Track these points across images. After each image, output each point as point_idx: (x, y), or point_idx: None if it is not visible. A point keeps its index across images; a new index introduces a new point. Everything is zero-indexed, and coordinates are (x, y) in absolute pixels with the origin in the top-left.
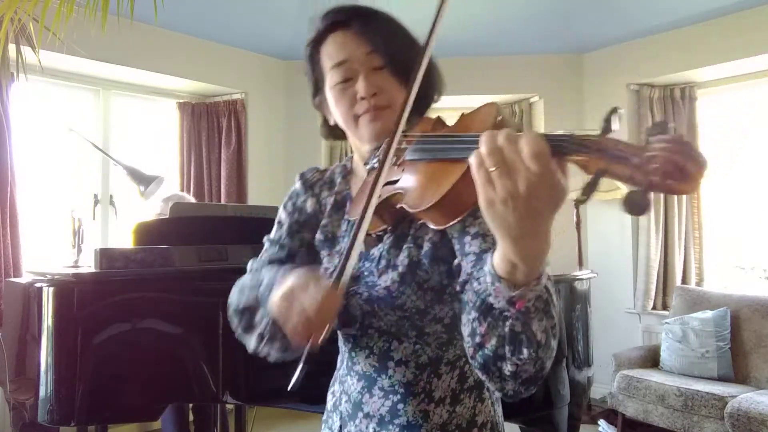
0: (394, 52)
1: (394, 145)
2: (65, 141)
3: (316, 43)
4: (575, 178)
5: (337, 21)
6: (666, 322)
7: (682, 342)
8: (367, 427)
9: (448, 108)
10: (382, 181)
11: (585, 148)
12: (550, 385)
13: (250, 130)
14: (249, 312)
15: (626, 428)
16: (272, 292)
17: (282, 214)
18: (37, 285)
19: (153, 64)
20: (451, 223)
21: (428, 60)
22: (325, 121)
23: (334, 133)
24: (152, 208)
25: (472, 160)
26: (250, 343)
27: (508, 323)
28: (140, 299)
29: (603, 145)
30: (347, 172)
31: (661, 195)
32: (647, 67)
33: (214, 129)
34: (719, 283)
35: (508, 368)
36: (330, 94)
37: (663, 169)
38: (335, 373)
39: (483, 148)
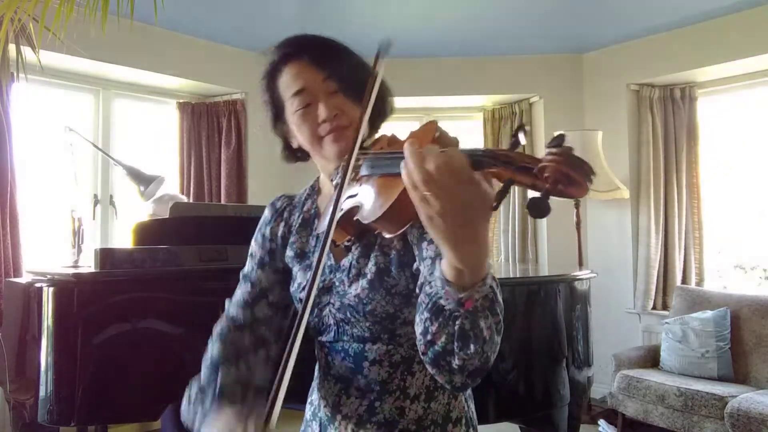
0: (346, 76)
1: (353, 162)
2: (65, 141)
3: (272, 76)
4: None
5: (289, 53)
6: (666, 322)
7: (682, 342)
8: (345, 429)
9: (450, 108)
10: (344, 195)
11: (496, 160)
12: (550, 385)
13: (250, 130)
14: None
15: (626, 428)
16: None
17: (253, 247)
18: (37, 285)
19: (153, 64)
20: (400, 231)
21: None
22: (287, 145)
23: (296, 155)
24: (144, 210)
25: (406, 182)
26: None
27: (458, 322)
28: (140, 299)
29: (511, 158)
30: (314, 192)
31: (561, 198)
32: (647, 67)
33: (214, 129)
34: (719, 283)
35: (456, 362)
36: (292, 120)
37: (553, 177)
38: (312, 383)
39: (414, 175)
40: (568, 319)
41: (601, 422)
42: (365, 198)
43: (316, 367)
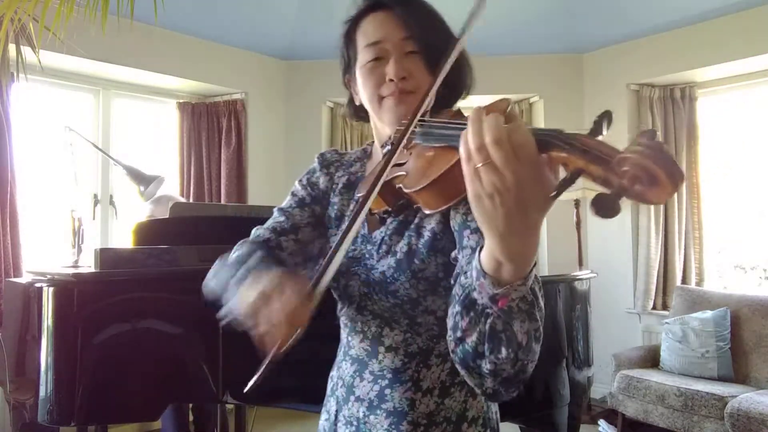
0: (429, 41)
1: (411, 129)
2: (65, 141)
3: (356, 21)
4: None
5: (379, 2)
6: (666, 322)
7: (682, 342)
8: (358, 411)
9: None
10: (393, 161)
11: (568, 144)
12: (550, 385)
13: (250, 130)
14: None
15: (626, 428)
16: (244, 287)
17: (297, 186)
18: (37, 285)
19: (153, 64)
20: (441, 208)
21: (459, 53)
22: (351, 100)
23: (358, 114)
24: (142, 211)
25: (461, 152)
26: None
27: (489, 320)
28: (140, 299)
29: (587, 145)
30: (366, 156)
31: (634, 202)
32: (647, 67)
33: (214, 129)
34: (719, 283)
35: (486, 366)
36: (359, 72)
37: (632, 172)
38: (335, 360)
39: (471, 142)
40: (568, 319)
41: (601, 422)
42: (413, 167)
43: (340, 344)
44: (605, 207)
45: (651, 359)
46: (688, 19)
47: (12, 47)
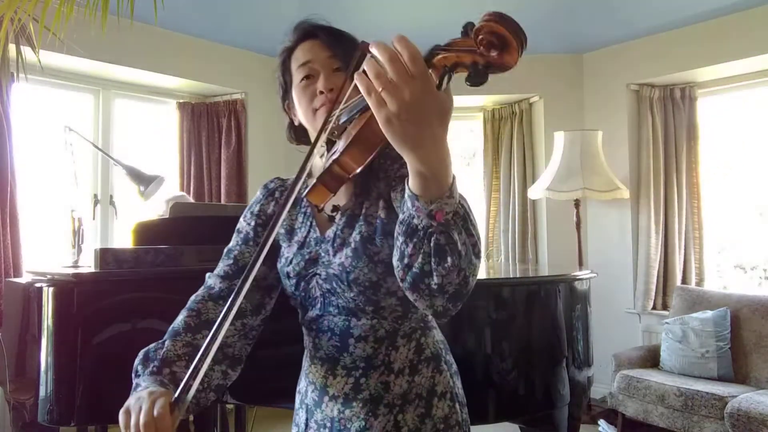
0: (351, 57)
1: (331, 119)
2: (65, 141)
3: (290, 51)
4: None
5: (307, 32)
6: (666, 322)
7: (682, 342)
8: (332, 411)
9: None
10: (317, 149)
11: (444, 49)
12: (550, 385)
13: (250, 130)
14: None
15: (626, 428)
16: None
17: (241, 223)
18: (37, 285)
19: (153, 64)
20: (368, 158)
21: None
22: (291, 123)
23: (299, 136)
24: (155, 210)
25: (362, 90)
26: None
27: (432, 239)
28: (140, 299)
29: (457, 45)
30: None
31: (497, 72)
32: (647, 67)
33: (214, 129)
34: (719, 283)
35: (435, 281)
36: (295, 92)
37: (486, 39)
38: (300, 374)
39: (369, 74)
40: (568, 319)
41: (601, 422)
42: (342, 141)
43: (304, 356)
44: (475, 77)
45: (651, 359)
46: (688, 19)
47: (12, 47)
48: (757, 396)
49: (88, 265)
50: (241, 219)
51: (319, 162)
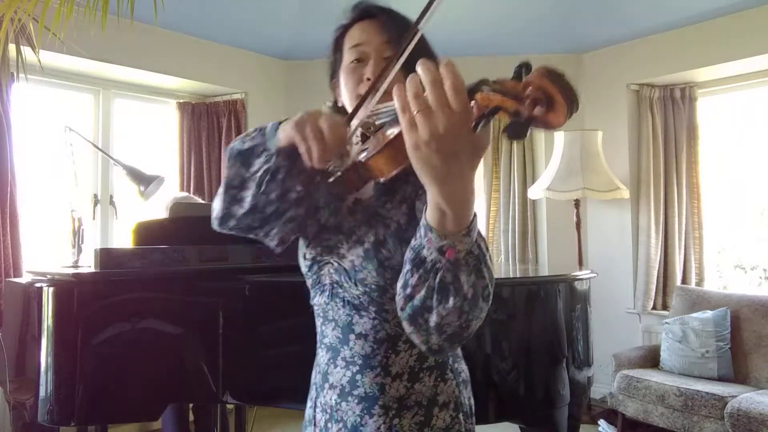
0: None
1: (366, 98)
2: (65, 141)
3: (344, 30)
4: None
5: (366, 11)
6: (666, 322)
7: (682, 342)
8: (330, 399)
9: None
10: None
11: (489, 86)
12: (550, 385)
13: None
14: (241, 176)
15: (626, 428)
16: (280, 127)
17: None
18: (37, 285)
19: (153, 64)
20: (393, 172)
21: (424, 48)
22: (335, 103)
23: (340, 114)
24: (161, 211)
25: (396, 105)
26: (242, 206)
27: (438, 274)
28: (140, 299)
29: (503, 85)
30: None
31: (540, 129)
32: (647, 67)
33: (214, 129)
34: (719, 283)
35: (433, 319)
36: (342, 72)
37: (533, 95)
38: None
39: (408, 92)
40: (568, 319)
41: (601, 422)
42: (371, 144)
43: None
44: (514, 131)
45: (651, 359)
46: (688, 19)
47: (12, 47)
48: (757, 396)
49: (88, 265)
50: None
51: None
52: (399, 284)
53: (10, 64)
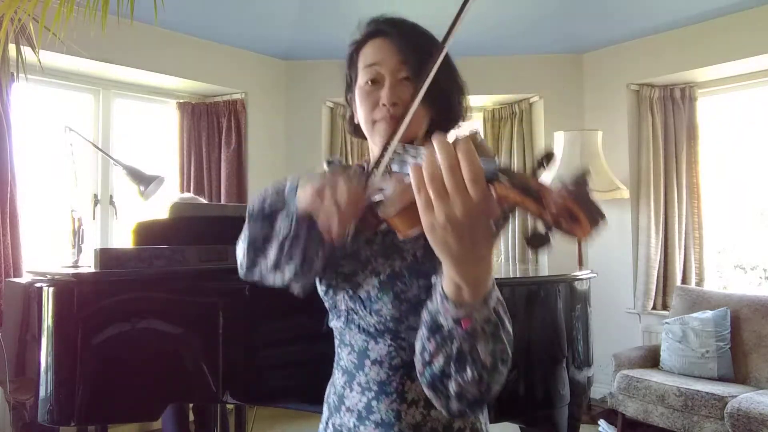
0: (422, 66)
1: (389, 153)
2: (65, 141)
3: (359, 45)
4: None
5: (380, 29)
6: (666, 322)
7: (682, 342)
8: (349, 421)
9: None
10: (369, 183)
11: (510, 181)
12: (550, 385)
13: (250, 130)
14: (263, 235)
15: (626, 428)
16: (299, 190)
17: None
18: (37, 285)
19: (153, 64)
20: (410, 233)
21: (447, 75)
22: (351, 118)
23: (357, 131)
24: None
25: (413, 183)
26: (266, 261)
27: (455, 343)
28: (140, 299)
29: (525, 183)
30: None
31: (563, 235)
32: (647, 67)
33: (214, 129)
34: (719, 283)
35: (453, 387)
36: (357, 92)
37: (557, 211)
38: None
39: (425, 172)
40: (568, 319)
41: (601, 422)
42: (389, 193)
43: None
44: (536, 240)
45: (651, 359)
46: (688, 19)
47: (12, 47)
48: (757, 396)
49: (88, 265)
50: None
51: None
52: (417, 347)
53: (10, 64)
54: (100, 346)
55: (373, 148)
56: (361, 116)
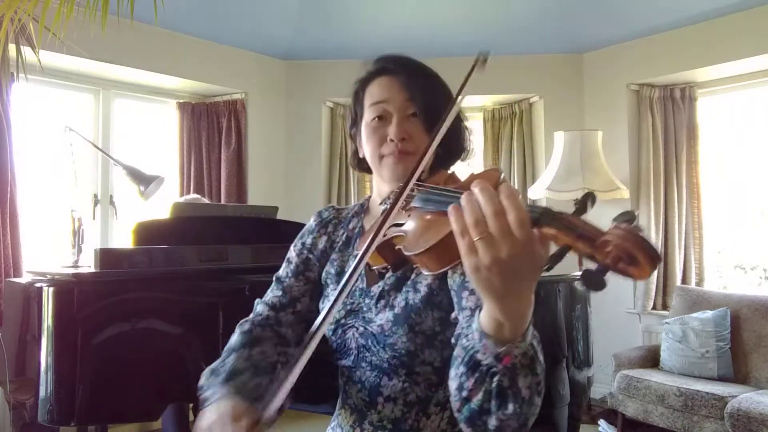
0: (429, 105)
1: (407, 190)
2: (65, 141)
3: (364, 83)
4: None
5: (386, 67)
6: (666, 322)
7: (682, 342)
8: None
9: None
10: (390, 221)
11: (557, 222)
12: (550, 385)
13: (250, 130)
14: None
15: (626, 428)
16: (203, 413)
17: (291, 253)
18: (37, 285)
19: (153, 64)
20: (440, 270)
21: (455, 117)
22: (356, 152)
23: (361, 165)
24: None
25: (454, 228)
26: None
27: (495, 379)
28: (140, 299)
29: (573, 224)
30: (363, 211)
31: (618, 276)
32: (647, 67)
33: (214, 129)
34: (719, 283)
35: (492, 422)
36: (364, 129)
37: (615, 253)
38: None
39: (467, 216)
40: (568, 319)
41: (601, 422)
42: (412, 229)
43: (340, 394)
44: (593, 281)
45: (651, 359)
46: (688, 19)
47: (12, 47)
48: (757, 396)
49: (88, 265)
50: (292, 248)
51: (378, 212)
52: (453, 385)
53: (10, 64)
54: (100, 346)
55: (380, 182)
56: (368, 151)
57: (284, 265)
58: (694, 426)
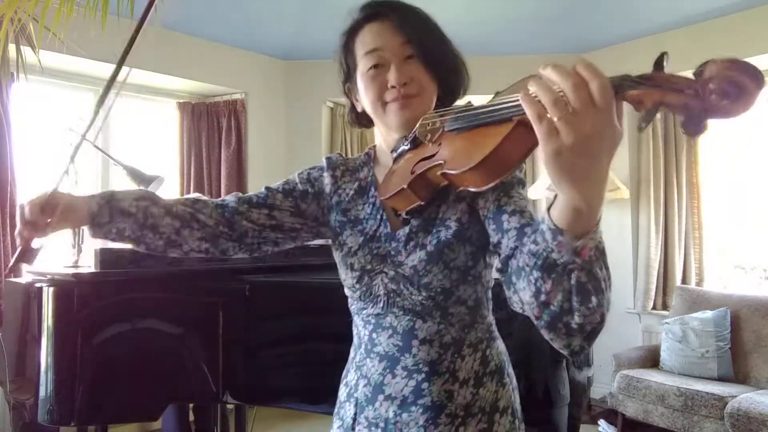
0: (426, 44)
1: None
2: (65, 141)
3: (352, 32)
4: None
5: (374, 13)
6: (666, 322)
7: (682, 342)
8: (387, 411)
9: None
10: (415, 158)
11: (641, 83)
12: (550, 385)
13: (250, 130)
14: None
15: (626, 428)
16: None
17: (293, 176)
18: (37, 285)
19: (153, 64)
20: (489, 185)
21: (451, 54)
22: (353, 108)
23: (361, 121)
24: None
25: (530, 114)
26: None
27: (573, 275)
28: (140, 299)
29: (658, 79)
30: (371, 160)
31: (716, 120)
32: (647, 67)
33: (214, 129)
34: (719, 283)
35: (575, 321)
36: (361, 80)
37: (720, 88)
38: (348, 364)
39: (544, 98)
40: None
41: (601, 422)
42: (452, 152)
43: (354, 346)
44: (695, 125)
45: (651, 359)
46: (689, 19)
47: (12, 47)
48: (757, 396)
49: (88, 265)
50: (296, 174)
51: (389, 161)
52: (527, 295)
53: (10, 64)
54: (100, 346)
55: (386, 131)
56: (368, 103)
57: (281, 182)
58: (694, 426)
